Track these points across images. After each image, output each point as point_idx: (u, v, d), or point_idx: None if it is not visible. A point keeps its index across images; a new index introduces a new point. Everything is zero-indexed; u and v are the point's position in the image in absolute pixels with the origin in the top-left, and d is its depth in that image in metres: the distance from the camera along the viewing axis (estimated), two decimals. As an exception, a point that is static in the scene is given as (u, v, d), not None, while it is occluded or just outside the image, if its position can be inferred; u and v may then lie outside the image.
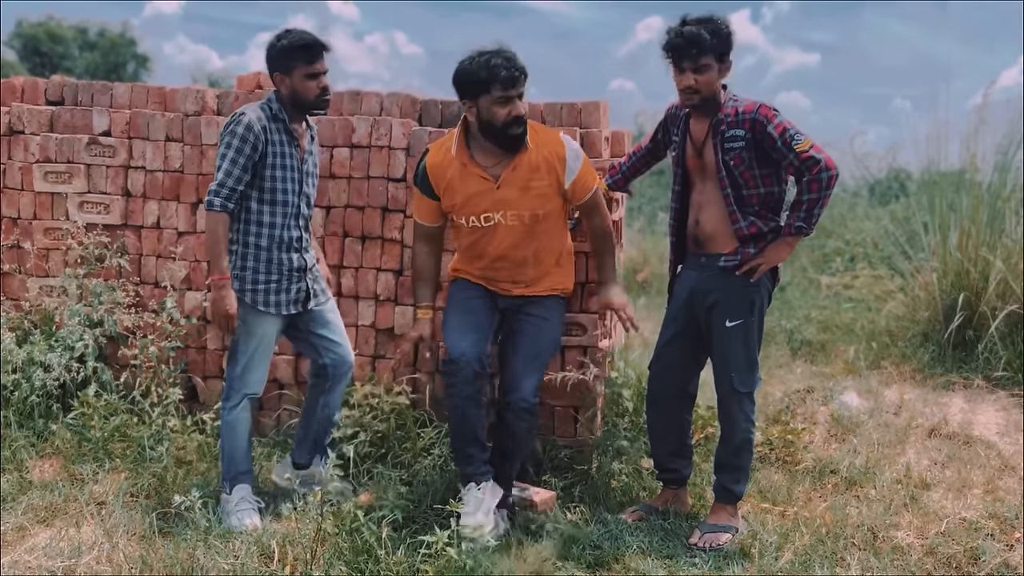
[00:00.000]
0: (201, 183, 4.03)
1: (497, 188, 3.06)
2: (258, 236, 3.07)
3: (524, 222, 3.11)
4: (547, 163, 3.07)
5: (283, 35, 3.05)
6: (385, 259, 3.90)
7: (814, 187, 2.92)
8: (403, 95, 3.97)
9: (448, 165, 3.10)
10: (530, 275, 3.26)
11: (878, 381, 4.94)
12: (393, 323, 3.91)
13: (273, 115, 3.05)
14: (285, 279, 3.13)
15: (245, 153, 2.95)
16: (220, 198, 2.95)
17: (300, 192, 3.14)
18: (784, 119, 2.96)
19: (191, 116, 4.05)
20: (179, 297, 4.01)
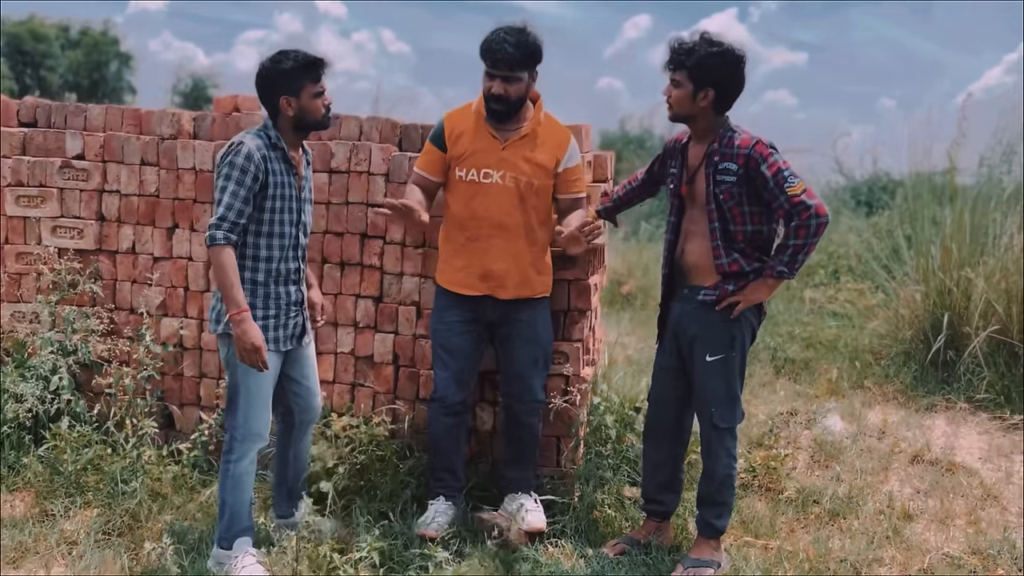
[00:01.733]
0: (177, 208, 3.96)
1: (503, 148, 3.26)
2: (254, 271, 2.96)
3: (519, 187, 3.25)
4: (551, 141, 3.31)
5: (282, 57, 2.92)
6: (364, 286, 3.85)
7: (801, 233, 2.87)
8: (383, 120, 3.92)
9: (466, 118, 3.32)
10: (523, 258, 3.30)
11: (861, 402, 4.92)
12: (372, 351, 3.85)
13: (272, 143, 2.95)
14: (283, 313, 3.04)
15: (246, 184, 2.84)
16: (222, 231, 2.82)
17: (298, 222, 3.05)
18: (779, 159, 2.91)
19: (167, 139, 3.98)
20: (155, 323, 3.94)
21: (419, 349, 3.80)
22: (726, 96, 3.01)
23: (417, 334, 3.81)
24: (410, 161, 3.74)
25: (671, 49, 3.01)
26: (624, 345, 6.38)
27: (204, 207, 3.92)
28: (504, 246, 3.29)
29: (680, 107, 3.02)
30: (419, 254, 3.77)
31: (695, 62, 2.97)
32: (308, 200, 3.14)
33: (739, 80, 3.02)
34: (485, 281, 3.32)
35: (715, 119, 3.03)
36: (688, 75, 2.98)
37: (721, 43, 2.99)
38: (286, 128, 2.99)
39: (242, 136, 2.95)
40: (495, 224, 3.28)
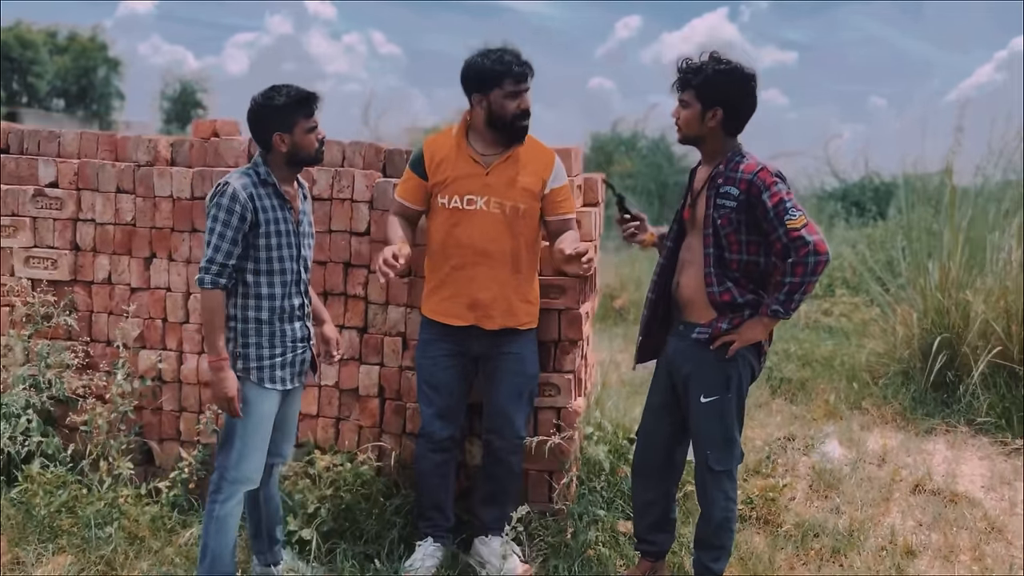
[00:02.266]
0: (154, 237, 3.83)
1: (486, 174, 3.17)
2: (258, 309, 2.88)
3: (505, 213, 3.16)
4: (536, 162, 3.22)
5: (275, 93, 2.84)
6: (349, 316, 3.73)
7: (799, 270, 2.74)
8: (366, 144, 3.80)
9: (446, 143, 3.23)
10: (510, 286, 3.21)
11: (860, 425, 4.82)
12: (357, 383, 3.73)
13: (261, 180, 2.87)
14: (289, 351, 2.96)
15: (233, 225, 2.77)
16: (210, 275, 2.77)
17: (298, 257, 2.97)
18: (783, 188, 2.77)
19: (143, 166, 3.85)
20: (132, 356, 3.81)
21: (405, 381, 3.68)
22: (736, 116, 2.88)
23: (403, 366, 3.69)
24: (395, 188, 3.62)
25: (678, 69, 2.89)
26: (617, 364, 6.26)
27: (182, 236, 3.80)
28: (490, 274, 3.19)
29: (689, 128, 2.91)
30: (404, 283, 3.65)
31: (702, 81, 2.85)
32: (308, 234, 3.06)
33: (749, 99, 2.90)
34: (472, 311, 3.22)
35: (725, 141, 2.90)
36: (696, 95, 2.87)
37: (730, 61, 2.87)
38: (278, 164, 2.91)
39: (229, 176, 2.88)
40: (480, 252, 3.17)
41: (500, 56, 3.12)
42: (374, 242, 3.67)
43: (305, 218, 3.03)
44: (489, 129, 3.18)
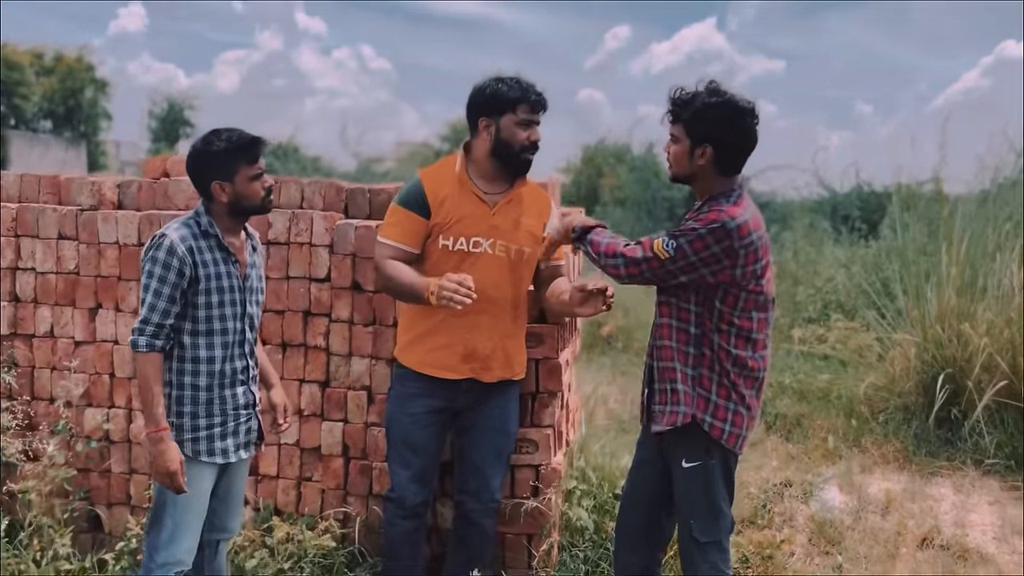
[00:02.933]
0: (100, 286, 3.56)
1: (493, 214, 2.93)
2: (195, 374, 2.62)
3: (510, 257, 2.94)
4: (537, 205, 3.04)
5: (214, 137, 2.59)
6: (309, 369, 3.46)
7: (609, 248, 2.64)
8: (326, 183, 3.55)
9: (447, 179, 2.95)
10: (509, 336, 2.97)
11: (860, 466, 4.56)
12: (320, 441, 3.46)
13: (202, 232, 2.61)
14: (231, 419, 2.69)
15: (169, 282, 2.52)
16: (146, 336, 2.52)
17: (243, 315, 2.70)
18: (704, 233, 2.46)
19: (87, 210, 3.58)
20: (77, 415, 3.54)
21: (371, 439, 3.41)
22: (728, 154, 2.58)
23: (369, 422, 3.42)
24: (356, 230, 3.37)
25: (669, 99, 2.63)
26: (604, 398, 6.00)
27: (130, 285, 3.53)
28: (492, 323, 2.92)
29: (678, 165, 2.64)
30: (369, 333, 3.39)
31: (692, 115, 2.58)
32: (257, 289, 2.78)
33: (744, 137, 2.60)
34: (468, 362, 2.92)
35: (717, 180, 2.61)
36: (685, 129, 2.60)
37: (724, 93, 2.59)
38: (221, 214, 2.65)
39: (167, 227, 2.62)
40: (483, 298, 2.83)
41: (517, 82, 2.90)
42: (335, 289, 3.41)
43: (254, 271, 2.77)
44: (492, 160, 2.92)
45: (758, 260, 2.53)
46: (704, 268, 2.50)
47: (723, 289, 2.54)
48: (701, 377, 2.59)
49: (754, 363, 2.60)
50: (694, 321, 2.59)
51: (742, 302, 2.55)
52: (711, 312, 2.56)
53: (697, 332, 2.59)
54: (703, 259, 2.49)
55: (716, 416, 2.59)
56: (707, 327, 2.58)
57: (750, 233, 2.50)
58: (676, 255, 2.49)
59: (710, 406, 2.59)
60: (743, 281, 2.52)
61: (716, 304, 2.55)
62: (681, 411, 2.60)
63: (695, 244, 2.48)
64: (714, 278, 2.52)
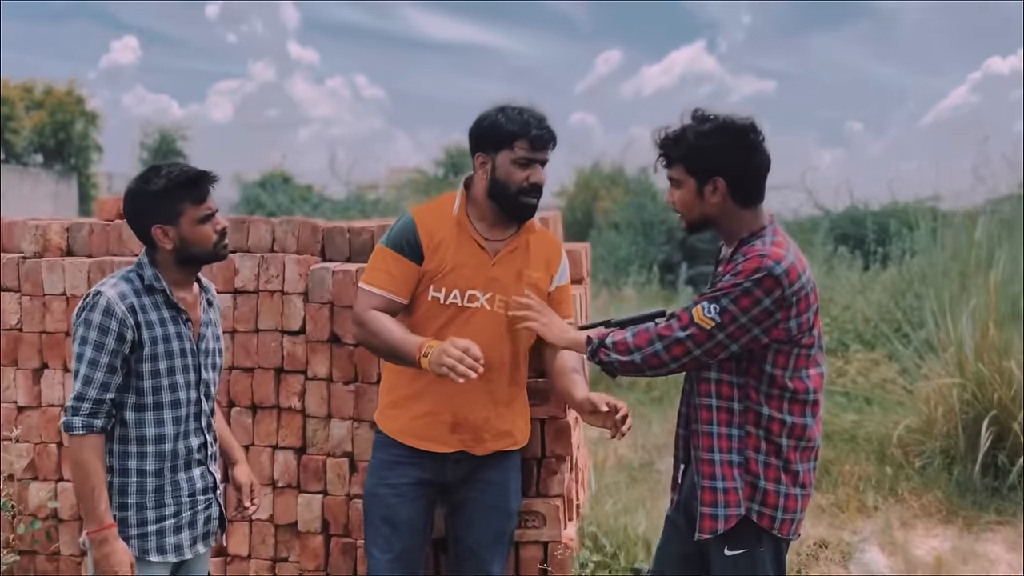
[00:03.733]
0: (45, 343, 3.16)
1: (492, 264, 2.51)
2: (141, 457, 2.19)
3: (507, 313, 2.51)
4: (544, 253, 2.61)
5: (152, 174, 2.19)
6: (283, 434, 3.05)
7: (641, 337, 2.18)
8: (300, 221, 3.15)
9: (443, 221, 2.52)
10: (505, 402, 2.52)
11: (899, 520, 4.13)
12: (296, 516, 3.03)
13: (146, 286, 2.20)
14: (186, 509, 2.26)
15: (107, 348, 2.12)
16: (81, 416, 2.11)
17: (198, 383, 2.27)
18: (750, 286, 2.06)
19: (30, 258, 3.18)
20: (20, 491, 3.11)
21: (355, 513, 2.99)
22: (742, 182, 2.20)
23: (351, 494, 3.01)
24: (334, 275, 2.96)
25: (656, 143, 2.25)
26: (614, 445, 5.57)
27: (79, 341, 3.11)
28: (485, 388, 2.46)
29: (689, 211, 2.24)
30: (350, 392, 2.98)
31: (687, 151, 2.21)
32: (213, 351, 2.36)
33: (754, 157, 2.21)
34: (456, 433, 2.49)
35: (743, 215, 2.21)
36: (685, 169, 2.22)
37: (716, 117, 2.22)
38: (167, 264, 2.23)
39: (102, 283, 2.20)
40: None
41: (519, 113, 2.47)
42: (311, 343, 3.00)
43: (209, 330, 2.35)
44: (489, 201, 2.51)
45: (809, 307, 2.14)
46: (756, 328, 2.09)
47: (774, 349, 2.13)
48: (747, 461, 2.18)
49: (812, 431, 2.19)
50: (737, 396, 2.18)
51: (794, 360, 2.14)
52: (759, 380, 2.15)
53: (741, 408, 2.18)
54: (754, 317, 2.08)
55: (766, 503, 2.17)
56: (752, 399, 2.17)
57: (799, 276, 2.11)
58: (723, 320, 2.08)
59: (758, 493, 2.17)
60: (798, 335, 2.12)
61: (766, 369, 2.14)
62: (723, 514, 2.18)
63: (742, 301, 2.07)
64: (768, 337, 2.11)
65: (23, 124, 34.56)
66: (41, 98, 36.06)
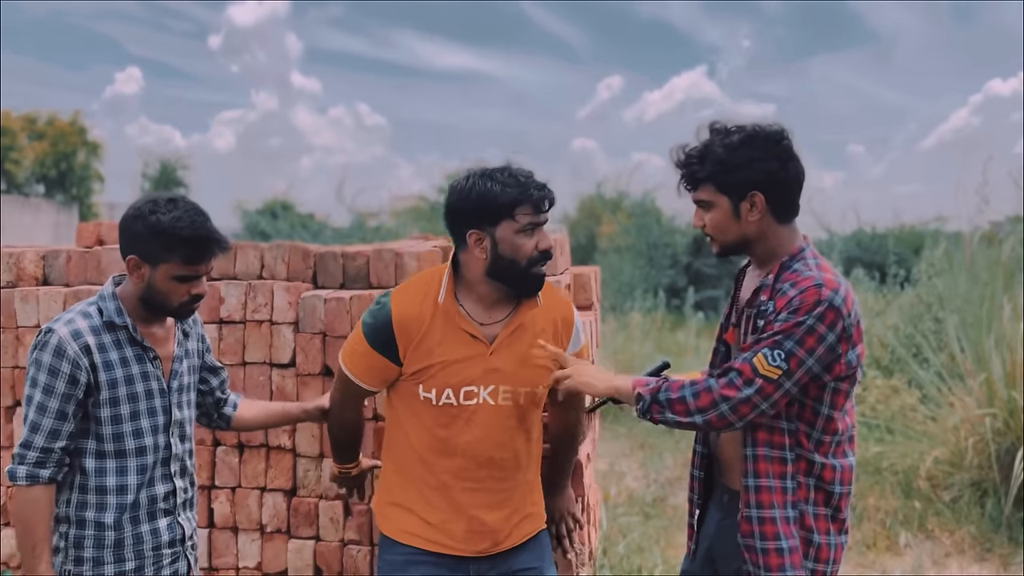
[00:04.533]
0: (18, 378, 2.95)
1: (490, 353, 2.14)
2: (99, 509, 1.98)
3: (518, 403, 2.17)
4: (554, 326, 2.22)
5: (162, 207, 1.95)
6: (272, 475, 2.83)
7: (702, 401, 1.90)
8: (290, 246, 2.95)
9: (428, 316, 2.15)
10: (510, 496, 2.19)
11: (932, 559, 3.88)
12: (286, 564, 2.80)
13: (106, 322, 1.98)
14: (151, 563, 2.04)
15: (57, 393, 1.93)
16: (27, 465, 1.93)
17: (167, 426, 2.06)
18: (812, 323, 1.85)
19: (4, 288, 2.98)
20: (-11, 539, 2.89)
21: (349, 560, 2.77)
22: (781, 195, 1.99)
23: (346, 539, 2.78)
24: (326, 304, 2.75)
25: (677, 165, 2.04)
26: (622, 475, 5.33)
27: (54, 376, 2.90)
28: (498, 487, 2.18)
29: (723, 233, 2.02)
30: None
31: (717, 167, 2.00)
32: (187, 387, 2.14)
33: (790, 166, 2.00)
34: (473, 536, 2.17)
35: (782, 233, 2.01)
36: (716, 187, 2.00)
37: (743, 127, 2.02)
38: (132, 297, 2.02)
39: (57, 319, 1.99)
40: (484, 462, 2.15)
41: (511, 175, 2.11)
42: (302, 376, 2.79)
43: (184, 363, 2.12)
44: (491, 282, 2.15)
45: (862, 335, 1.94)
46: (819, 366, 1.87)
47: (832, 388, 1.91)
48: (802, 516, 1.96)
49: (851, 470, 1.98)
50: (789, 443, 1.94)
51: (845, 396, 1.94)
52: (811, 424, 1.93)
53: (793, 456, 1.95)
54: (819, 357, 1.86)
55: (819, 559, 1.96)
56: (804, 447, 1.94)
57: (853, 303, 1.92)
58: (790, 366, 1.85)
59: (812, 549, 1.95)
60: (856, 366, 1.92)
61: (822, 411, 1.92)
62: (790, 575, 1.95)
63: (807, 342, 1.85)
64: (829, 374, 1.90)
65: (25, 155, 34.67)
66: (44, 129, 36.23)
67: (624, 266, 16.39)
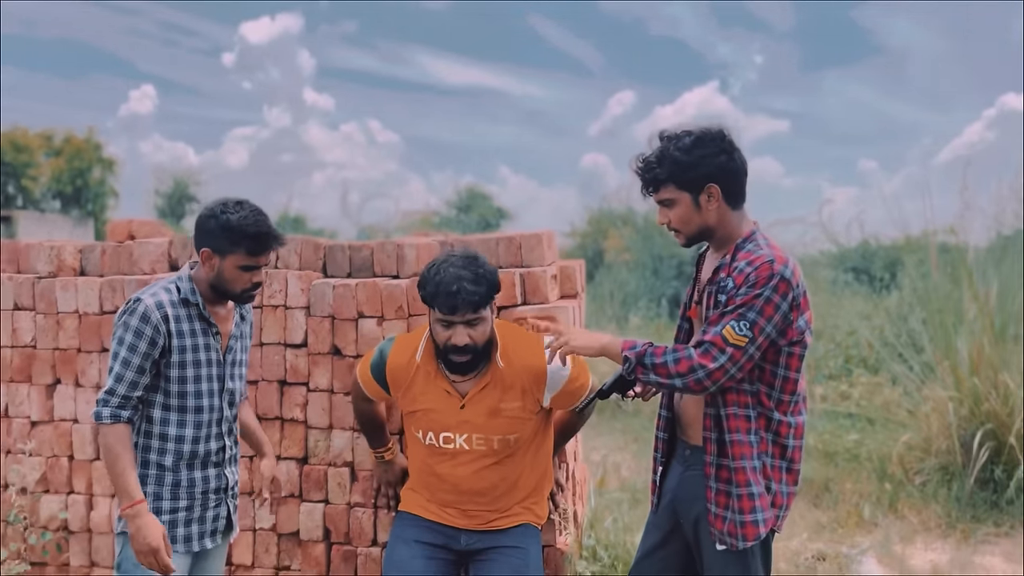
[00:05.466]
0: (58, 359, 3.27)
1: (461, 408, 2.55)
2: (161, 453, 2.37)
3: (492, 447, 2.57)
4: (522, 383, 2.56)
5: (232, 208, 2.35)
6: (286, 444, 3.13)
7: (682, 366, 2.17)
8: (302, 240, 3.27)
9: (412, 369, 2.60)
10: (500, 505, 2.63)
11: (899, 535, 4.15)
12: (299, 525, 3.11)
13: (182, 299, 2.37)
14: (199, 504, 2.42)
15: (140, 351, 2.30)
16: (110, 408, 2.29)
17: (221, 391, 2.44)
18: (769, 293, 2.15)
19: (45, 278, 3.31)
20: (32, 504, 3.21)
21: (355, 521, 3.07)
22: (733, 184, 2.30)
23: (352, 502, 3.09)
24: (335, 290, 3.08)
25: (638, 172, 2.35)
26: (616, 465, 5.62)
27: (90, 357, 3.24)
28: (486, 505, 2.62)
29: (687, 225, 2.33)
30: (351, 403, 3.06)
31: (675, 166, 2.31)
32: (240, 362, 2.54)
33: (735, 157, 2.32)
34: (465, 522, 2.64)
35: (735, 218, 2.31)
36: (676, 185, 2.32)
37: (689, 131, 2.33)
38: (204, 282, 2.41)
39: (144, 290, 2.38)
40: (466, 492, 2.59)
41: (437, 273, 2.44)
42: (313, 355, 3.11)
43: (238, 343, 2.53)
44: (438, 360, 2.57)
45: (808, 304, 2.25)
46: (775, 332, 2.18)
47: (787, 352, 2.22)
48: (763, 466, 2.26)
49: (803, 427, 2.29)
50: (751, 403, 2.24)
51: (799, 359, 2.24)
52: (771, 385, 2.23)
53: (756, 414, 2.24)
54: (776, 323, 2.16)
55: (775, 504, 2.26)
56: (765, 405, 2.24)
57: (800, 275, 2.23)
58: (753, 333, 2.16)
59: (770, 496, 2.25)
60: (806, 331, 2.23)
61: (779, 373, 2.22)
62: (761, 519, 2.23)
63: (767, 311, 2.15)
64: (783, 339, 2.20)
65: (42, 171, 35.20)
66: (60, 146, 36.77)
67: (629, 277, 16.68)
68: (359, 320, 3.08)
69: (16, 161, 33.87)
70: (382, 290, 3.06)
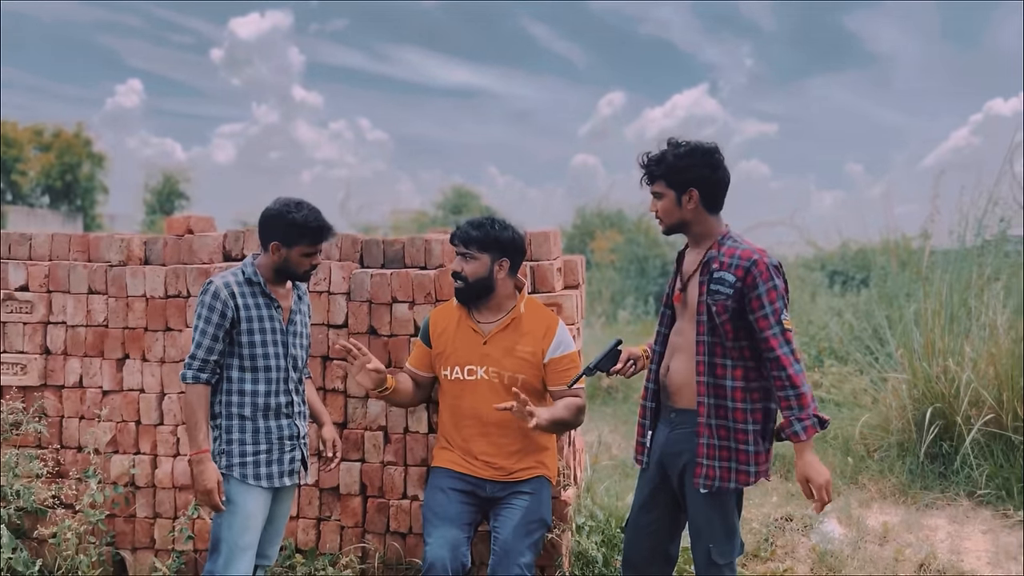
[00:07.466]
0: (127, 337, 3.75)
1: (484, 343, 3.15)
2: (240, 406, 2.89)
3: (503, 381, 3.12)
4: (535, 331, 3.17)
5: (294, 208, 2.89)
6: (328, 411, 3.60)
7: (798, 376, 2.65)
8: (342, 235, 3.76)
9: (449, 314, 3.25)
10: (513, 448, 3.15)
11: (858, 502, 4.69)
12: (338, 481, 3.61)
13: (246, 279, 2.91)
14: (276, 448, 2.94)
15: (213, 322, 2.83)
16: (192, 370, 2.82)
17: (286, 355, 2.97)
18: (778, 282, 2.70)
19: (115, 266, 3.79)
20: (104, 462, 3.68)
21: (388, 478, 3.57)
22: (712, 193, 2.83)
23: (385, 461, 3.58)
24: (372, 279, 3.58)
25: (641, 165, 2.89)
26: (608, 446, 6.15)
27: (156, 335, 3.72)
28: (498, 442, 3.16)
29: (669, 217, 2.87)
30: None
31: (667, 168, 2.84)
32: (302, 334, 3.07)
33: (719, 172, 2.85)
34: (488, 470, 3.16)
35: (711, 220, 2.84)
36: (666, 183, 2.85)
37: (688, 142, 2.87)
38: (267, 267, 2.94)
39: (215, 276, 2.93)
40: (484, 421, 3.14)
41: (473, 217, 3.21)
42: (353, 334, 3.60)
43: (299, 317, 3.05)
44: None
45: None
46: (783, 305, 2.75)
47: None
48: (759, 429, 2.77)
49: None
50: (754, 376, 2.75)
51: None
52: (760, 359, 2.74)
53: (754, 386, 2.75)
54: (785, 300, 2.74)
55: (758, 461, 2.77)
56: (755, 377, 2.75)
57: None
58: (787, 311, 2.72)
59: (765, 453, 2.79)
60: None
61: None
62: (753, 471, 2.76)
63: (784, 296, 2.72)
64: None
65: (31, 166, 35.25)
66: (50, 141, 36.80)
67: (616, 277, 17.23)
68: (393, 304, 3.58)
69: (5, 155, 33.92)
70: (413, 279, 3.57)
